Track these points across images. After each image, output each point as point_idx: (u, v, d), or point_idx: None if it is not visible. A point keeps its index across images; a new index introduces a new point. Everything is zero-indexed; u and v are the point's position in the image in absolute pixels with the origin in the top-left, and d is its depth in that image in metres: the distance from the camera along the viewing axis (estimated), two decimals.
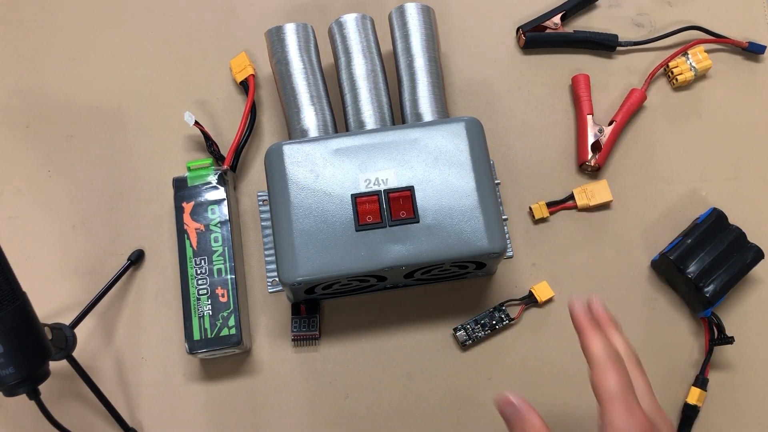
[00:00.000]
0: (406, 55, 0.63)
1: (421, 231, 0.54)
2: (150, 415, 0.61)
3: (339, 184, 0.55)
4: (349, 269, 0.54)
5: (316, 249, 0.54)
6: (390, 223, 0.54)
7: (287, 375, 0.62)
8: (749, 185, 0.67)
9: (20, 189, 0.67)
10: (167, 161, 0.67)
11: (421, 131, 0.57)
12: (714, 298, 0.59)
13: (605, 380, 0.40)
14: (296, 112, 0.61)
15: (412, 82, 0.62)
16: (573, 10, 0.72)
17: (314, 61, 0.63)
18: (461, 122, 0.57)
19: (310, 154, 0.56)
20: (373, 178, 0.55)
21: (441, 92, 0.62)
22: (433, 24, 0.64)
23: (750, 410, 0.61)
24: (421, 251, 0.54)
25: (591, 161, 0.66)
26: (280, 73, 0.62)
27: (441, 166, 0.55)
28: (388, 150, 0.56)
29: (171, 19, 0.72)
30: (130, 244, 0.65)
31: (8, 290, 0.46)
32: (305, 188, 0.55)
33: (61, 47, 0.71)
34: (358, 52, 0.62)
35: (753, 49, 0.71)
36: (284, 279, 0.54)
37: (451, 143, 0.56)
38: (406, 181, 0.55)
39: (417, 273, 0.57)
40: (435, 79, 0.62)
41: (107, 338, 0.62)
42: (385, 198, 0.55)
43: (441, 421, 0.60)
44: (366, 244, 0.54)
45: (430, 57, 0.63)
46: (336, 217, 0.54)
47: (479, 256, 0.54)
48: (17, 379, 0.46)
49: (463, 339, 0.61)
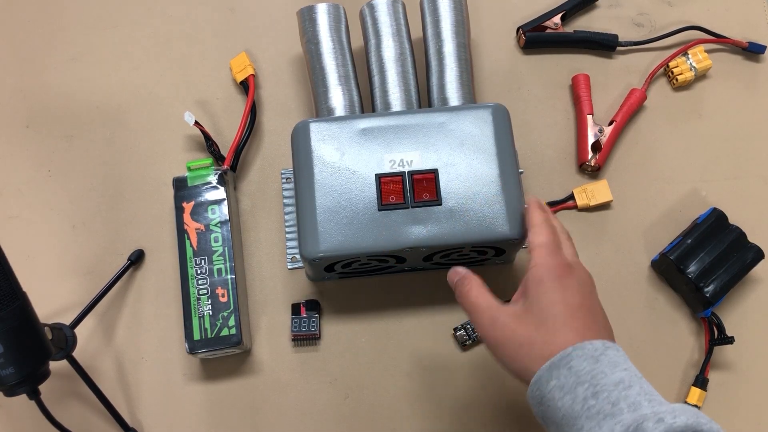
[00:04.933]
0: (435, 40, 0.63)
1: (443, 214, 0.54)
2: (150, 415, 0.61)
3: (364, 164, 0.56)
4: (370, 247, 0.54)
5: (338, 226, 0.54)
6: (413, 204, 0.54)
7: (287, 375, 0.62)
8: (749, 185, 0.67)
9: (20, 189, 0.67)
10: (167, 161, 0.67)
11: (447, 115, 0.57)
12: (714, 298, 0.59)
13: (538, 236, 0.48)
14: (324, 92, 0.61)
15: (441, 67, 0.62)
16: (573, 10, 0.72)
17: (344, 42, 0.63)
18: (488, 108, 0.57)
19: (336, 132, 0.57)
20: (398, 159, 0.56)
21: (469, 78, 0.62)
22: (464, 10, 0.64)
23: (750, 410, 0.61)
24: (442, 233, 0.54)
25: (591, 161, 0.66)
26: (310, 52, 0.63)
27: (466, 150, 0.56)
28: (413, 132, 0.56)
29: (171, 19, 0.72)
30: (130, 244, 0.65)
31: (8, 290, 0.46)
32: (330, 166, 0.56)
33: (61, 47, 0.71)
34: (388, 35, 0.63)
35: (753, 49, 0.71)
36: (306, 254, 0.54)
37: (476, 128, 0.56)
38: (431, 163, 0.56)
39: (436, 256, 0.58)
40: (464, 65, 0.62)
41: (107, 338, 0.62)
42: (409, 179, 0.55)
43: (441, 422, 0.60)
44: (388, 223, 0.54)
45: (460, 43, 0.63)
46: (359, 196, 0.55)
47: (500, 242, 0.55)
48: (17, 379, 0.46)
49: (463, 339, 0.61)
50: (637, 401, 0.39)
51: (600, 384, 0.40)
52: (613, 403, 0.39)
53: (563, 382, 0.41)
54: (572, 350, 0.42)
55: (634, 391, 0.40)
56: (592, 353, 0.42)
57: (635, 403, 0.39)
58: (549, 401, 0.42)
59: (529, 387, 0.44)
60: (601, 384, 0.40)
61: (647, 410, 0.38)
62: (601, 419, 0.39)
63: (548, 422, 0.43)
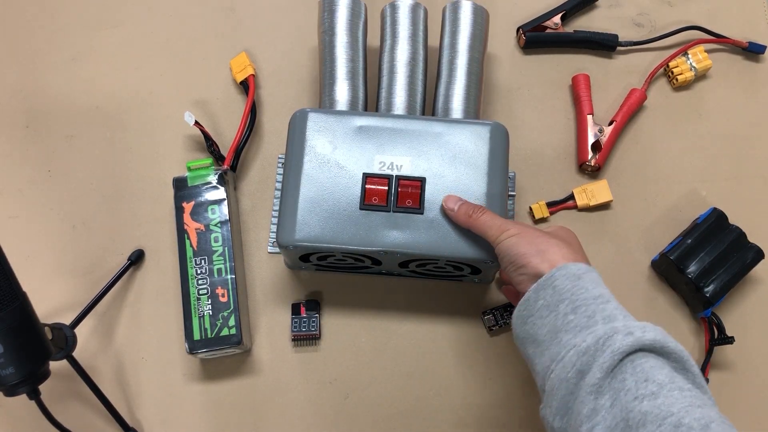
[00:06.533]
0: (450, 50, 0.63)
1: (422, 223, 0.54)
2: (150, 415, 0.61)
3: (354, 160, 0.56)
4: (344, 244, 0.54)
5: (317, 218, 0.54)
6: (394, 208, 0.54)
7: (287, 375, 0.62)
8: (749, 185, 0.67)
9: (20, 189, 0.67)
10: (167, 161, 0.67)
11: (445, 126, 0.57)
12: (714, 298, 0.59)
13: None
14: (330, 84, 0.61)
15: (450, 78, 0.62)
16: (573, 10, 0.72)
17: (359, 38, 0.63)
18: (486, 126, 0.57)
19: (332, 125, 0.57)
20: (388, 162, 0.56)
21: (477, 93, 0.62)
22: (484, 25, 0.64)
23: (750, 410, 0.61)
24: (418, 243, 0.54)
25: (591, 161, 0.66)
26: (324, 42, 0.63)
27: (457, 164, 0.56)
28: (409, 138, 0.56)
29: (171, 19, 0.72)
30: (130, 244, 0.65)
31: (8, 290, 0.46)
32: (320, 157, 0.56)
33: (61, 47, 0.71)
34: (405, 38, 0.62)
35: (753, 49, 0.71)
36: (281, 240, 0.55)
37: (472, 144, 0.56)
38: (420, 171, 0.55)
39: (412, 264, 0.58)
40: (473, 80, 0.62)
41: (107, 338, 0.62)
42: (395, 183, 0.55)
43: (441, 421, 0.60)
44: (366, 223, 0.54)
45: (473, 57, 0.62)
46: (344, 192, 0.55)
47: (475, 261, 0.55)
48: (17, 379, 0.46)
49: (491, 324, 0.62)
50: (612, 314, 0.43)
51: (579, 299, 0.44)
52: (589, 316, 0.43)
53: (549, 300, 0.45)
54: (556, 271, 0.45)
55: (611, 306, 0.43)
56: (575, 272, 0.45)
57: (610, 316, 0.43)
58: (537, 319, 0.45)
59: (518, 306, 0.47)
60: (581, 299, 0.44)
61: (620, 324, 0.41)
62: (577, 332, 0.42)
63: (528, 341, 0.46)
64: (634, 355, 0.40)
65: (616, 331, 0.40)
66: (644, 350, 0.40)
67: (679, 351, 0.40)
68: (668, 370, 0.39)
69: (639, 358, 0.40)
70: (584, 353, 0.41)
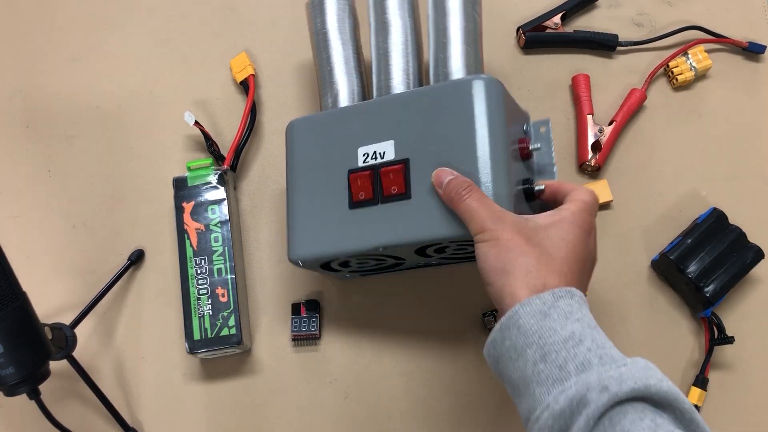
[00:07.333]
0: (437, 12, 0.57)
1: (411, 208, 0.48)
2: (150, 415, 0.61)
3: (338, 160, 0.52)
4: (341, 250, 0.51)
5: (313, 228, 0.52)
6: (382, 199, 0.50)
7: (287, 375, 0.62)
8: (749, 185, 0.67)
9: (21, 189, 0.67)
10: (167, 161, 0.67)
11: (420, 94, 0.50)
12: (714, 298, 0.59)
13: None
14: (329, 83, 0.58)
15: (440, 36, 0.55)
16: (573, 10, 0.72)
17: (348, 33, 0.59)
18: (467, 82, 0.48)
19: (315, 128, 0.54)
20: (371, 152, 0.51)
21: (475, 51, 0.55)
22: None
23: (750, 410, 0.61)
24: (411, 230, 0.48)
25: (591, 161, 0.66)
26: (316, 44, 0.60)
27: (442, 134, 0.48)
28: (389, 120, 0.51)
29: (171, 19, 0.72)
30: (130, 244, 0.65)
31: (8, 290, 0.46)
32: (307, 166, 0.53)
33: (61, 47, 0.71)
34: (394, 12, 0.57)
35: (753, 49, 0.71)
36: (289, 258, 0.54)
37: (457, 106, 0.48)
38: (405, 153, 0.50)
39: (429, 250, 0.52)
40: (471, 38, 0.55)
41: (107, 338, 0.62)
42: (377, 173, 0.50)
43: (441, 421, 0.60)
44: (359, 222, 0.50)
45: (466, 12, 0.56)
46: (333, 195, 0.51)
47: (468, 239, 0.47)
48: (17, 378, 0.46)
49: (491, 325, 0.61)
50: (586, 360, 0.39)
51: (548, 344, 0.39)
52: (560, 366, 0.39)
53: (515, 342, 0.41)
54: (519, 308, 0.41)
55: (584, 347, 0.39)
56: (539, 308, 0.40)
57: (583, 363, 0.38)
58: (507, 361, 0.42)
59: (486, 345, 0.43)
60: (549, 343, 0.39)
61: (593, 376, 0.38)
62: (550, 385, 0.39)
63: (504, 380, 0.43)
64: (611, 411, 0.37)
65: (590, 388, 0.37)
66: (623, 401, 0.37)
67: (664, 391, 0.37)
68: (649, 421, 0.36)
69: (617, 414, 0.37)
70: (559, 416, 0.38)
